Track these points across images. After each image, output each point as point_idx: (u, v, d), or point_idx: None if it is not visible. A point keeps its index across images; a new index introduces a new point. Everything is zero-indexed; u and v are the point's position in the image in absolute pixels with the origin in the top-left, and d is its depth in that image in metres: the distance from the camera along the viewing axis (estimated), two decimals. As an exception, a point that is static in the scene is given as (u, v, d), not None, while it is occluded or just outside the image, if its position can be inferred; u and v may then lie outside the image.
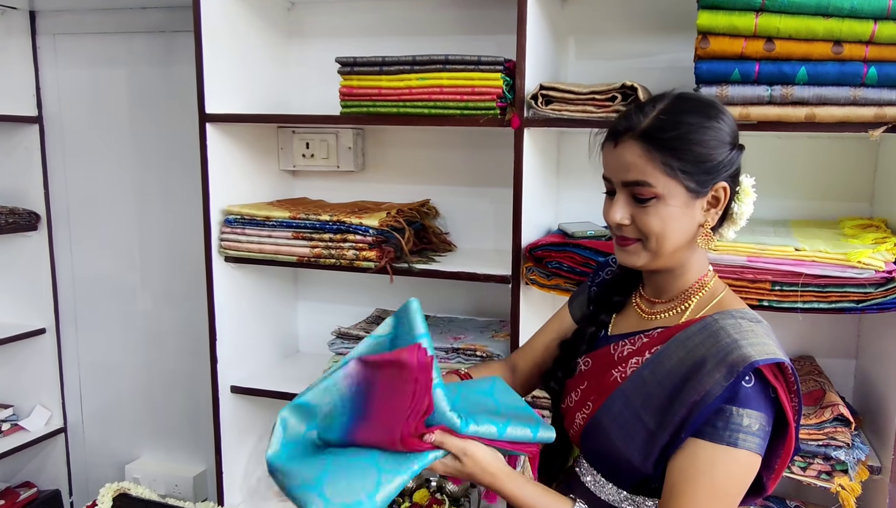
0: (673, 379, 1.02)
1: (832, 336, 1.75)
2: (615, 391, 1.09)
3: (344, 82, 1.69)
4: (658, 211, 1.03)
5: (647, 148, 1.01)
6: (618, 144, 1.04)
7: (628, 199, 1.05)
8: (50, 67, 2.32)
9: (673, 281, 1.12)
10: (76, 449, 2.55)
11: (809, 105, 1.36)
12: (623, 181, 1.05)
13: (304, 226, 1.77)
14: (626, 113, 1.06)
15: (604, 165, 1.09)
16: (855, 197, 1.70)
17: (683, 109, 1.03)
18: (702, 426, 0.98)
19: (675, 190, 1.02)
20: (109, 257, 2.40)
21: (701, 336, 1.03)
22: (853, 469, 1.43)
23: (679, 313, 1.11)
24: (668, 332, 1.09)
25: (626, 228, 1.06)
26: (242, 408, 1.99)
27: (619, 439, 1.06)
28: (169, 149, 2.25)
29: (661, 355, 1.06)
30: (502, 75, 1.57)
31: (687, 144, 1.01)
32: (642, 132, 1.02)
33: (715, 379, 0.97)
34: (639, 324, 1.16)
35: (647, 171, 1.01)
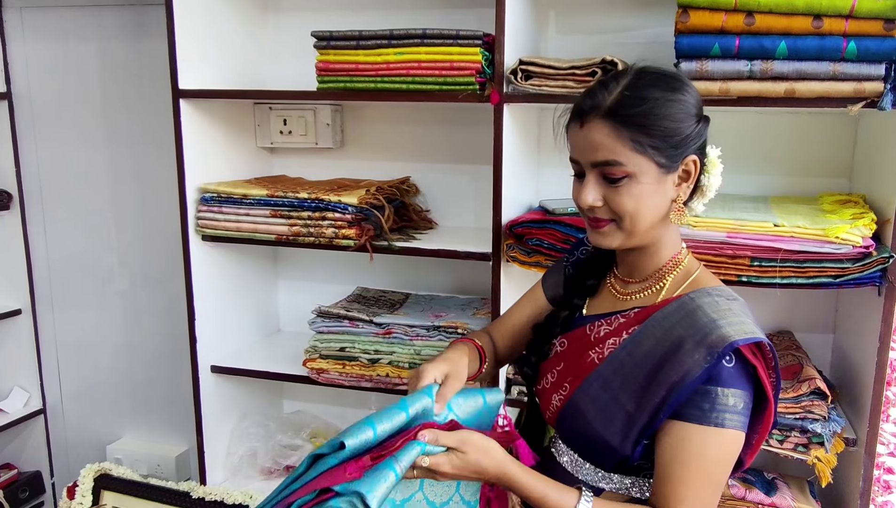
0: (651, 360, 1.02)
1: (810, 311, 1.76)
2: (592, 372, 1.09)
3: (320, 57, 1.66)
4: (630, 190, 1.01)
5: (615, 126, 0.99)
6: (584, 124, 1.02)
7: (599, 179, 1.03)
8: (17, 42, 2.25)
9: (647, 259, 1.11)
10: (56, 430, 2.53)
11: (789, 80, 1.35)
12: (592, 162, 1.02)
13: (282, 204, 1.74)
14: (590, 91, 1.04)
15: (571, 147, 1.06)
16: (834, 173, 1.70)
17: (647, 84, 1.01)
18: (684, 407, 0.98)
19: (646, 167, 1.01)
20: (85, 237, 2.36)
21: (678, 316, 1.03)
22: (829, 441, 1.45)
23: (655, 292, 1.11)
24: (644, 312, 1.08)
25: (598, 209, 1.05)
26: (223, 387, 1.98)
27: (596, 420, 1.06)
28: (142, 125, 2.20)
29: (638, 335, 1.06)
30: (481, 50, 1.55)
31: (654, 120, 0.99)
32: (608, 110, 1.00)
33: (694, 359, 0.97)
34: (614, 305, 1.15)
35: (617, 149, 1.00)
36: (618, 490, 1.09)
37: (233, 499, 1.87)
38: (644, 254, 1.11)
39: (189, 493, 1.92)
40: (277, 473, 2.03)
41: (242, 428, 2.04)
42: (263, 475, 2.03)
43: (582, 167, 1.05)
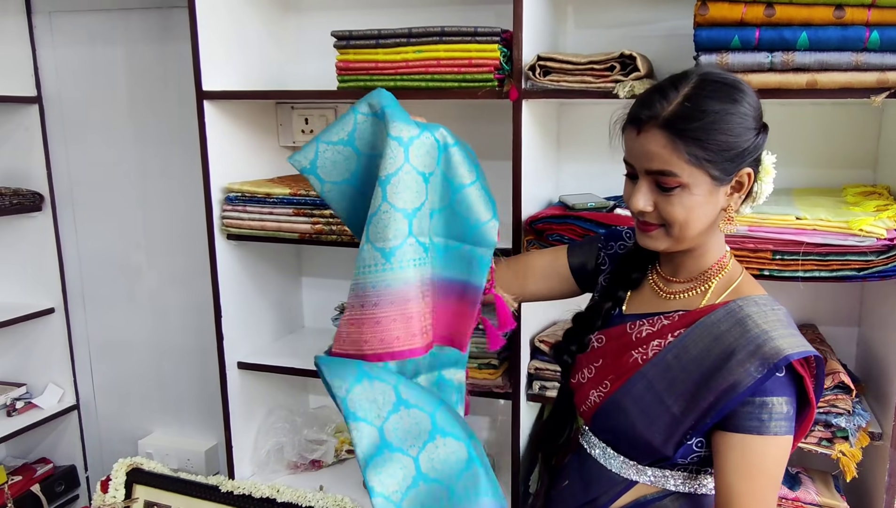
0: (700, 366, 1.03)
1: (835, 305, 1.75)
2: (636, 372, 1.10)
3: (340, 56, 1.68)
4: (682, 200, 1.02)
5: (672, 138, 0.99)
6: (641, 131, 1.02)
7: (651, 186, 1.04)
8: (47, 46, 2.31)
9: (693, 261, 1.12)
10: (89, 425, 2.60)
11: (811, 71, 1.34)
12: (647, 169, 1.03)
13: (304, 202, 1.77)
14: (648, 97, 1.03)
15: (626, 150, 1.07)
16: (858, 164, 1.68)
17: (707, 95, 1.00)
18: (741, 419, 0.99)
19: (700, 179, 1.00)
20: (114, 236, 2.41)
21: (727, 323, 1.04)
22: (854, 435, 1.44)
23: (698, 294, 1.12)
24: (689, 316, 1.09)
25: (648, 214, 1.05)
26: (249, 383, 2.02)
27: (639, 420, 1.08)
28: (168, 126, 2.24)
29: (685, 339, 1.07)
30: (499, 46, 1.55)
31: (713, 134, 0.98)
32: (665, 121, 0.99)
33: (746, 370, 0.99)
34: (656, 304, 1.16)
35: (672, 161, 0.99)
36: (652, 484, 1.11)
37: (260, 493, 1.90)
38: (690, 256, 1.12)
39: (218, 487, 1.96)
40: (304, 467, 2.06)
41: (269, 423, 2.07)
42: (290, 469, 2.06)
43: (635, 170, 1.06)
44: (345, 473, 2.06)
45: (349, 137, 1.23)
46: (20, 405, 2.47)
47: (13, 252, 2.46)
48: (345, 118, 1.24)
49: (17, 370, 2.56)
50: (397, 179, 1.15)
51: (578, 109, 1.83)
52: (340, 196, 1.26)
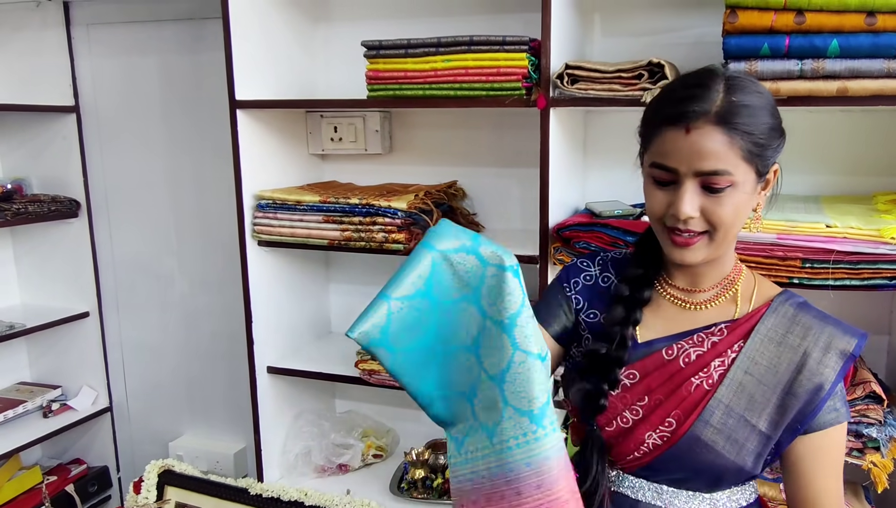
0: (776, 375, 1.01)
1: (865, 313, 1.73)
2: (710, 400, 1.03)
3: (370, 66, 1.71)
4: (733, 199, 0.96)
5: (728, 133, 0.93)
6: (691, 129, 0.94)
7: (698, 189, 0.96)
8: (84, 57, 2.37)
9: (717, 268, 1.07)
10: (122, 428, 2.65)
11: (841, 78, 1.33)
12: (698, 171, 0.95)
13: (334, 210, 1.80)
14: (687, 94, 0.96)
15: (666, 154, 0.97)
16: (889, 171, 1.66)
17: (743, 89, 0.97)
18: (823, 414, 0.99)
19: (748, 176, 0.97)
20: (147, 242, 2.46)
21: (784, 326, 1.03)
22: (885, 445, 1.42)
23: (728, 300, 1.08)
24: (739, 326, 1.05)
25: (693, 221, 0.97)
26: (278, 388, 2.05)
27: (727, 449, 1.01)
28: (200, 135, 2.29)
29: (749, 352, 1.03)
30: (527, 55, 1.57)
31: (761, 127, 0.96)
32: (719, 117, 0.93)
33: (828, 366, 0.99)
34: (684, 320, 1.08)
35: (729, 158, 0.94)
36: (711, 505, 1.07)
37: (289, 496, 1.93)
38: (716, 263, 1.07)
39: (247, 490, 1.99)
40: (331, 471, 2.08)
41: (297, 427, 2.10)
42: (318, 472, 2.08)
43: (676, 176, 0.97)
44: (371, 477, 2.08)
45: (426, 287, 0.98)
46: (56, 407, 2.53)
47: (51, 257, 2.53)
48: (415, 264, 0.99)
49: (52, 372, 2.63)
50: (523, 319, 0.93)
51: (605, 116, 1.84)
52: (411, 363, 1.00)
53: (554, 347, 1.16)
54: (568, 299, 1.17)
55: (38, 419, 2.48)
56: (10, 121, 2.46)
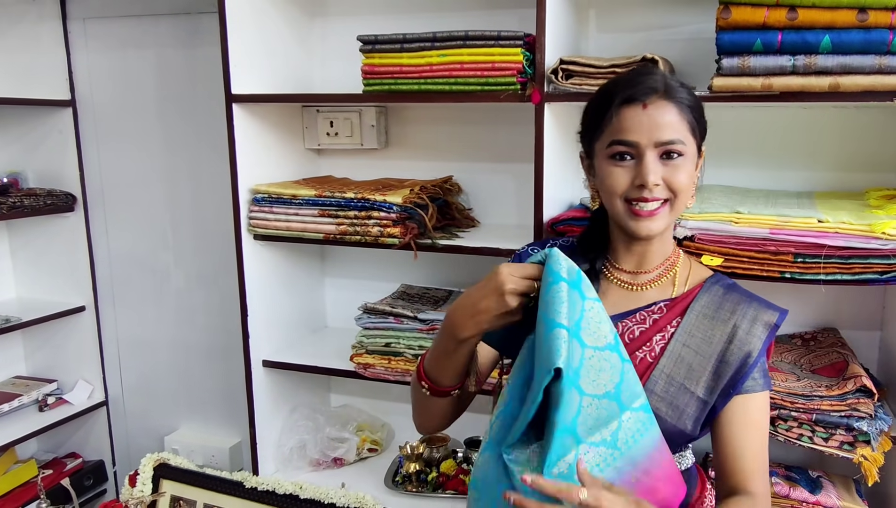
0: (712, 345, 1.10)
1: (857, 308, 1.74)
2: (654, 370, 1.11)
3: (366, 61, 1.71)
4: (686, 168, 1.08)
5: (678, 106, 1.07)
6: (647, 105, 1.05)
7: (657, 158, 1.07)
8: (81, 51, 2.37)
9: (660, 248, 1.17)
10: (118, 422, 2.65)
11: (833, 74, 1.34)
12: (657, 141, 1.06)
13: (329, 204, 1.80)
14: (639, 78, 1.08)
15: (626, 130, 1.06)
16: (882, 167, 1.67)
17: (677, 80, 1.11)
18: (749, 380, 1.09)
19: (692, 148, 1.09)
20: (143, 237, 2.47)
21: (716, 303, 1.13)
22: (875, 439, 1.43)
23: (668, 282, 1.18)
24: (676, 304, 1.15)
25: (657, 188, 1.07)
26: (274, 382, 2.05)
27: (669, 415, 1.09)
28: (196, 130, 2.29)
29: (686, 326, 1.12)
30: (522, 50, 1.57)
31: (695, 103, 1.10)
32: (668, 93, 1.06)
33: (756, 336, 1.09)
34: (628, 301, 1.17)
35: (680, 129, 1.06)
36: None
37: (284, 489, 1.93)
38: (659, 242, 1.16)
39: (242, 483, 1.99)
40: (326, 465, 2.09)
41: (292, 421, 2.10)
42: (313, 466, 2.09)
43: (637, 149, 1.07)
44: (366, 471, 2.09)
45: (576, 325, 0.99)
46: (51, 401, 2.53)
47: (47, 251, 2.53)
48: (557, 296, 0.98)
49: (48, 366, 2.63)
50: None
51: (600, 112, 1.85)
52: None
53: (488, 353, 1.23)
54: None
55: (33, 412, 2.49)
56: (7, 115, 2.45)
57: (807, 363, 1.62)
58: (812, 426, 1.47)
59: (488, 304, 1.01)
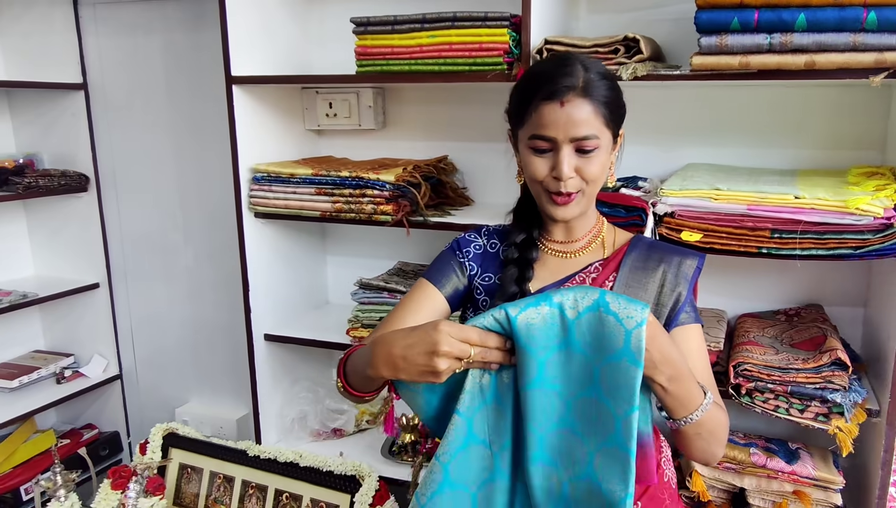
0: (647, 293, 1.20)
1: (841, 285, 1.76)
2: None
3: (359, 42, 1.76)
4: (599, 159, 1.15)
5: (592, 103, 1.12)
6: (564, 102, 1.11)
7: (572, 152, 1.14)
8: (91, 36, 2.45)
9: (586, 220, 1.26)
10: (131, 394, 2.76)
11: (809, 52, 1.36)
12: (573, 137, 1.12)
13: (325, 182, 1.86)
14: (558, 74, 1.12)
15: (544, 126, 1.12)
16: (867, 145, 1.69)
17: (598, 67, 1.16)
18: (682, 315, 1.19)
19: (607, 138, 1.16)
20: (154, 216, 2.55)
21: (643, 256, 1.23)
22: (849, 411, 1.46)
23: (598, 246, 1.27)
24: (609, 263, 1.24)
25: (571, 180, 1.14)
26: (276, 355, 2.13)
27: None
28: (202, 111, 2.36)
29: (622, 279, 1.22)
30: (508, 31, 1.61)
31: (615, 98, 1.16)
32: (584, 90, 1.11)
33: (684, 278, 1.20)
34: (566, 267, 1.26)
35: (595, 124, 1.13)
36: None
37: (284, 457, 2.01)
38: (584, 216, 1.25)
39: (246, 451, 2.08)
40: (326, 435, 2.17)
41: (294, 393, 2.18)
42: (313, 436, 2.17)
43: (554, 143, 1.13)
44: (365, 441, 2.16)
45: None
46: (68, 374, 2.64)
47: (62, 230, 2.62)
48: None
49: (65, 341, 2.74)
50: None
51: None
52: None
53: (443, 305, 1.30)
54: (461, 265, 1.31)
55: (51, 385, 2.59)
56: (23, 98, 2.54)
57: (787, 338, 1.65)
58: (788, 397, 1.51)
59: (415, 358, 1.00)
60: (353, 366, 1.17)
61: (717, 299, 1.87)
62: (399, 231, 1.87)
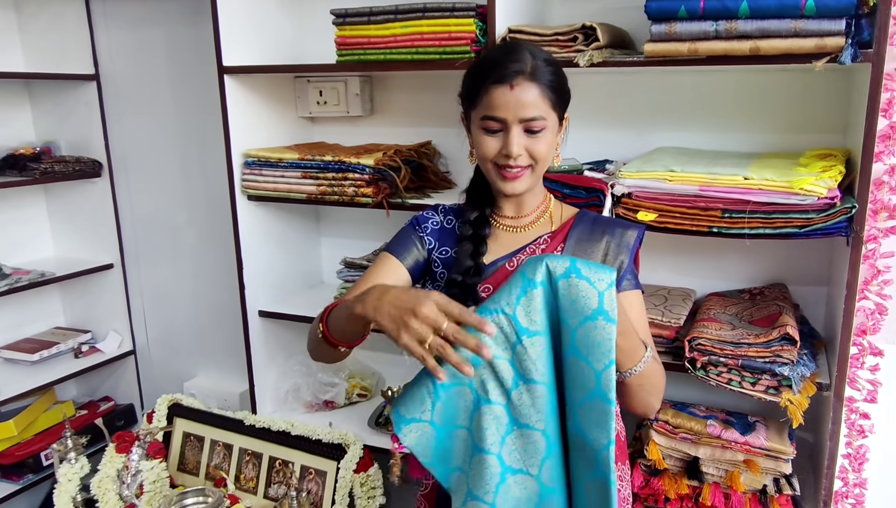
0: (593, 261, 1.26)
1: (805, 266, 1.81)
2: None
3: (338, 33, 1.85)
4: (545, 138, 1.24)
5: (540, 87, 1.21)
6: (514, 86, 1.19)
7: (521, 132, 1.22)
8: (102, 29, 2.58)
9: (534, 197, 1.35)
10: (144, 369, 2.92)
11: (753, 38, 1.42)
12: (522, 118, 1.20)
13: (310, 166, 1.97)
14: (508, 59, 1.20)
15: (495, 107, 1.20)
16: (829, 129, 1.73)
17: (544, 55, 1.24)
18: (625, 282, 1.28)
19: (553, 120, 1.24)
20: (161, 199, 2.69)
21: (588, 228, 1.33)
22: (797, 383, 1.52)
23: (546, 221, 1.36)
24: (557, 235, 1.33)
25: (520, 157, 1.23)
26: (270, 331, 2.25)
27: None
28: (203, 99, 2.47)
29: (569, 250, 1.31)
30: (475, 20, 1.69)
31: (561, 83, 1.25)
32: (532, 74, 1.20)
33: (626, 247, 1.30)
34: (517, 241, 1.35)
35: (542, 106, 1.21)
36: None
37: (277, 427, 2.14)
38: (532, 193, 1.34)
39: (243, 420, 2.21)
40: (318, 407, 2.29)
41: (287, 367, 2.30)
42: (306, 408, 2.29)
43: (504, 124, 1.22)
44: (355, 413, 2.27)
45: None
46: (85, 349, 2.80)
47: (78, 214, 2.78)
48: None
49: (83, 318, 2.90)
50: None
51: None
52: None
53: (405, 276, 1.38)
54: (421, 239, 1.40)
55: (69, 359, 2.76)
56: (41, 89, 2.70)
57: (748, 316, 1.71)
58: (740, 371, 1.57)
59: (397, 307, 1.04)
60: (336, 316, 1.20)
61: (686, 279, 1.93)
62: (392, 214, 1.96)
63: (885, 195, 1.55)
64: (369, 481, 1.96)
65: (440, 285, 1.36)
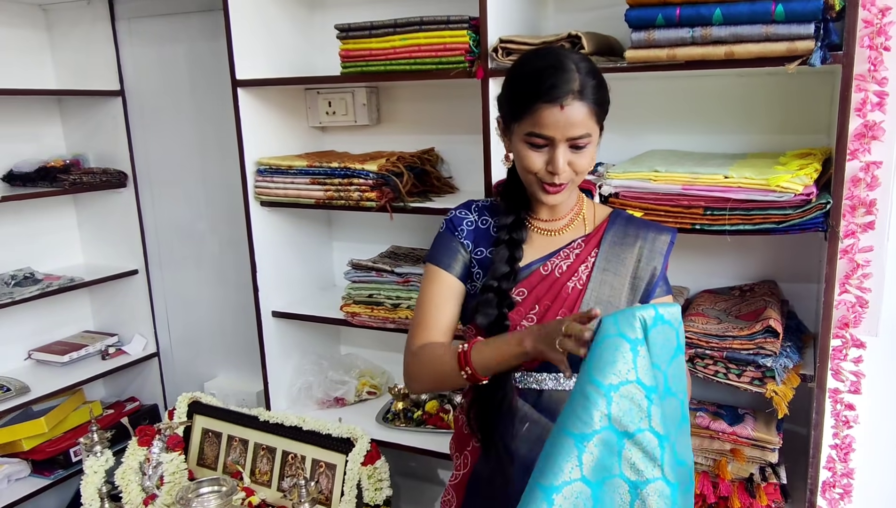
0: (626, 266, 1.33)
1: (797, 263, 1.86)
2: (584, 295, 1.32)
3: (342, 46, 1.96)
4: (589, 152, 1.26)
5: (589, 106, 1.21)
6: (564, 106, 1.19)
7: (567, 149, 1.23)
8: (127, 47, 2.73)
9: (570, 202, 1.38)
10: (168, 370, 3.05)
11: (727, 43, 1.48)
12: (570, 137, 1.21)
13: (318, 173, 2.07)
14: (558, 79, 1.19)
15: (543, 126, 1.21)
16: (815, 130, 1.78)
17: (591, 66, 1.24)
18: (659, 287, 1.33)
19: (596, 133, 1.27)
20: (183, 208, 2.82)
21: (621, 231, 1.36)
22: (780, 374, 1.57)
23: (579, 223, 1.39)
24: (591, 239, 1.36)
25: (564, 173, 1.24)
26: (285, 332, 2.36)
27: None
28: (221, 112, 2.59)
29: (603, 254, 1.34)
30: (468, 32, 1.78)
31: (606, 97, 1.26)
32: (581, 93, 1.20)
33: (658, 253, 1.34)
34: (551, 244, 1.37)
35: (590, 125, 1.23)
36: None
37: (290, 422, 2.24)
38: (569, 200, 1.37)
39: (257, 416, 2.32)
40: (329, 404, 2.38)
41: (301, 366, 2.41)
42: (318, 405, 2.39)
43: (551, 141, 1.22)
44: (364, 410, 2.36)
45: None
46: (112, 351, 2.94)
47: (106, 222, 2.93)
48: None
49: (110, 321, 3.05)
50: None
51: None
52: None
53: (459, 286, 1.39)
54: (462, 244, 1.40)
55: (97, 361, 2.90)
56: (71, 105, 2.86)
57: (736, 311, 1.76)
58: (725, 363, 1.63)
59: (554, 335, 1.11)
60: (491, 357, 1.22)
61: (681, 277, 1.99)
62: (398, 218, 2.04)
63: (862, 192, 1.60)
64: (376, 473, 2.05)
65: (476, 285, 1.37)
